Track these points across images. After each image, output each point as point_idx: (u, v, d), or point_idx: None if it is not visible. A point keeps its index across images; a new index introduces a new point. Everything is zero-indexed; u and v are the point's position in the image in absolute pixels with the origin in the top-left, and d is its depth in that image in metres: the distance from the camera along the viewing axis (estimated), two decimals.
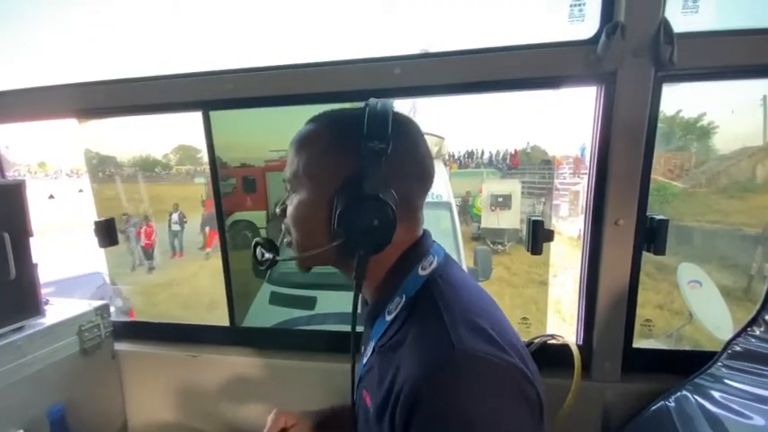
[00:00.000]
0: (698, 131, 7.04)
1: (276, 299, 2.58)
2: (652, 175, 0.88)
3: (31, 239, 1.02)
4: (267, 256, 0.63)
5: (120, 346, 1.22)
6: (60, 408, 0.97)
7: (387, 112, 0.52)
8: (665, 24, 0.77)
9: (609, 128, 0.86)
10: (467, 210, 8.12)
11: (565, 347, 0.95)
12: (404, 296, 0.54)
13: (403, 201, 0.53)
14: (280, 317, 2.41)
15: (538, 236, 0.91)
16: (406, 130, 0.56)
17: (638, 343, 0.96)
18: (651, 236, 0.87)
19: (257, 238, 0.64)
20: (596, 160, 0.90)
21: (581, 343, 0.98)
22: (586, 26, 0.85)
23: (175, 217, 8.51)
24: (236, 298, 1.22)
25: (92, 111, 1.13)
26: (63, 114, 1.16)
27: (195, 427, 1.21)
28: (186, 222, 8.66)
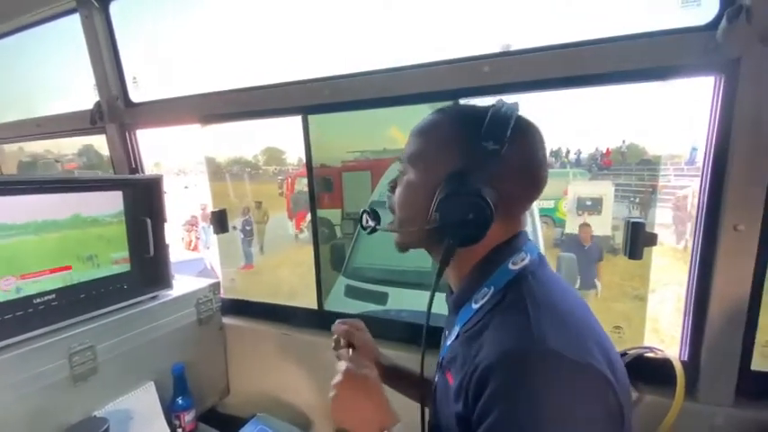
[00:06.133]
0: None
1: (351, 292, 2.72)
2: None
3: (165, 225, 1.23)
4: (371, 223, 0.68)
5: (226, 320, 1.40)
6: (182, 366, 1.15)
7: (510, 115, 0.54)
8: None
9: (729, 121, 0.77)
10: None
11: (665, 362, 0.87)
12: (492, 287, 0.56)
13: (505, 202, 0.54)
14: (354, 310, 2.54)
15: (638, 239, 0.84)
16: (527, 137, 0.56)
17: (759, 366, 0.84)
18: None
19: (365, 207, 0.70)
20: (712, 158, 0.81)
21: (686, 359, 0.89)
22: (703, 11, 0.77)
23: (239, 223, 7.55)
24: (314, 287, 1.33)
25: (213, 117, 1.32)
26: (190, 120, 1.37)
27: (284, 397, 1.34)
28: (264, 223, 8.18)
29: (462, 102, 0.97)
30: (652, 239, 0.84)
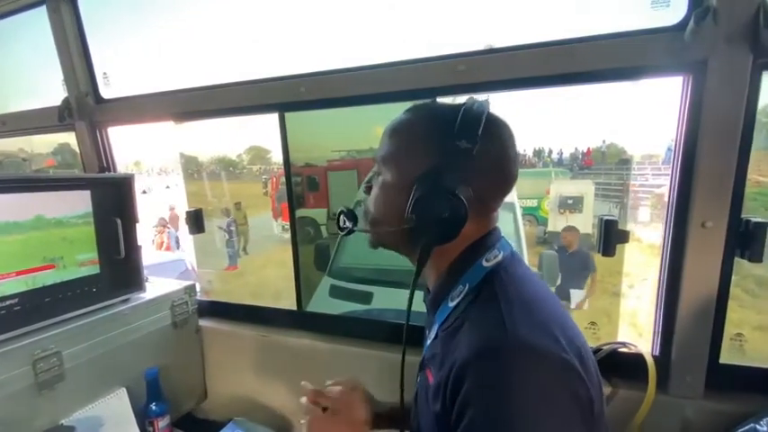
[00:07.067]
0: None
1: (335, 292, 2.70)
2: (758, 177, 0.78)
3: (137, 225, 1.19)
4: (348, 224, 0.68)
5: (203, 323, 1.36)
6: (155, 371, 1.12)
7: (481, 113, 0.54)
8: (765, 6, 0.69)
9: (697, 121, 0.79)
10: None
11: (638, 357, 0.88)
12: (467, 285, 0.56)
13: (478, 200, 0.55)
14: (338, 309, 2.53)
15: (611, 236, 0.85)
16: (498, 134, 0.57)
17: (727, 359, 0.87)
18: (746, 240, 0.78)
19: (342, 207, 0.69)
20: (681, 156, 0.83)
21: (657, 354, 0.90)
22: (672, 12, 0.79)
23: (224, 224, 7.68)
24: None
25: (187, 114, 1.29)
26: (163, 118, 1.33)
27: (263, 400, 1.32)
28: (244, 225, 8.18)
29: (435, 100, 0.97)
30: (624, 237, 0.85)
